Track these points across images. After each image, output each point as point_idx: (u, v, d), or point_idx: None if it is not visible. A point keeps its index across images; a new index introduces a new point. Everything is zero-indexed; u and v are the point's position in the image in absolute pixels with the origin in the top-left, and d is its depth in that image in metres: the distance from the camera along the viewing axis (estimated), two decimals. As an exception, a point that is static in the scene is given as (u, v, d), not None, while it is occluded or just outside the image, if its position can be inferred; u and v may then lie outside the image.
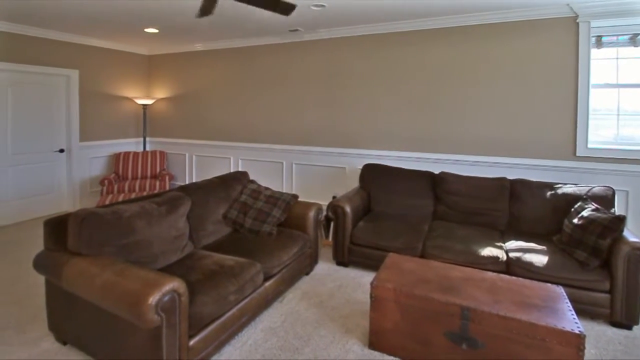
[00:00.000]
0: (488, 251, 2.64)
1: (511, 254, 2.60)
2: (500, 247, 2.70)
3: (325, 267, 3.20)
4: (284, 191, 4.68)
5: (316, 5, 3.31)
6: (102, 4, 3.32)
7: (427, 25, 3.78)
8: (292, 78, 4.63)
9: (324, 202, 4.34)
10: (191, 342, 1.79)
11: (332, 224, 3.31)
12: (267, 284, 2.40)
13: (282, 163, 4.76)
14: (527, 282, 2.11)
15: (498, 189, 3.22)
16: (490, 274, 2.21)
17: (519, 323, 1.74)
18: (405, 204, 3.51)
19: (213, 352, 1.95)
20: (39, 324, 2.27)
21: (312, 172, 4.58)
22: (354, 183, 4.19)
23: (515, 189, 3.19)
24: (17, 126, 4.30)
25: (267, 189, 3.15)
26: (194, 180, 5.47)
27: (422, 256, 2.82)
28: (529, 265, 2.48)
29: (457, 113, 3.74)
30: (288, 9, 2.46)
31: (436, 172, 3.60)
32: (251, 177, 4.82)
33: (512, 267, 2.55)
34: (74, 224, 1.97)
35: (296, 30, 4.27)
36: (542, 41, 3.35)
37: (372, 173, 3.75)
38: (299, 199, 3.27)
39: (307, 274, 3.05)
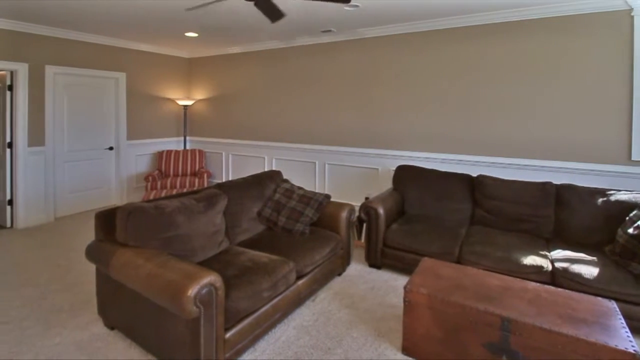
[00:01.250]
0: (531, 260, 2.49)
1: (557, 264, 2.44)
2: (545, 256, 2.54)
3: (357, 269, 3.18)
4: (317, 191, 4.71)
5: (350, 6, 3.30)
6: (147, 5, 3.51)
7: (465, 22, 3.64)
8: (325, 79, 4.65)
9: (357, 203, 4.31)
10: (227, 335, 1.85)
11: (364, 226, 3.29)
12: (300, 282, 2.42)
13: (315, 163, 4.78)
14: (575, 294, 1.97)
15: (543, 195, 3.03)
16: (533, 284, 2.09)
17: (566, 338, 1.64)
18: (441, 207, 3.40)
19: (248, 346, 2.01)
20: (90, 309, 2.45)
21: (344, 172, 4.57)
22: (387, 184, 4.13)
23: (562, 195, 2.99)
24: (72, 125, 4.65)
25: (300, 188, 3.18)
26: (230, 178, 5.65)
27: (459, 262, 2.73)
28: (578, 276, 2.32)
29: (498, 114, 3.57)
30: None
31: (474, 174, 3.47)
32: (285, 177, 4.90)
33: (558, 278, 2.39)
34: (121, 217, 2.10)
35: (329, 31, 4.28)
36: (593, 37, 3.12)
37: (406, 174, 3.67)
38: (332, 199, 3.27)
39: (339, 274, 3.05)
